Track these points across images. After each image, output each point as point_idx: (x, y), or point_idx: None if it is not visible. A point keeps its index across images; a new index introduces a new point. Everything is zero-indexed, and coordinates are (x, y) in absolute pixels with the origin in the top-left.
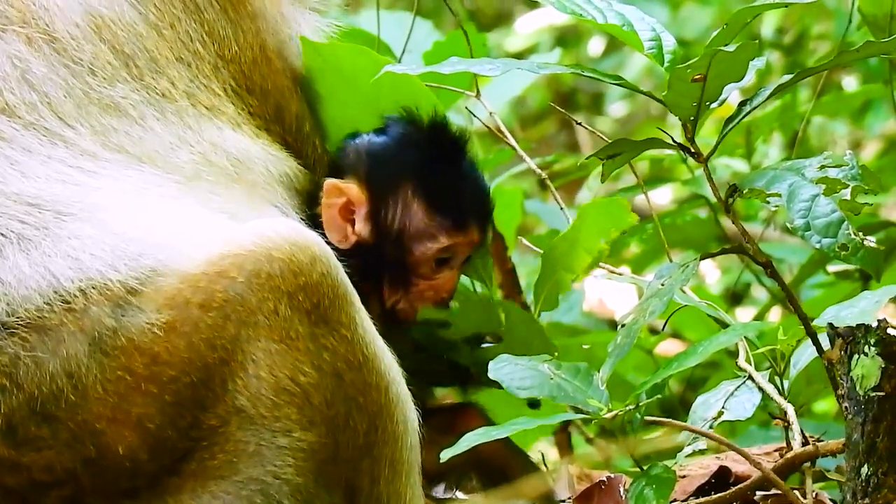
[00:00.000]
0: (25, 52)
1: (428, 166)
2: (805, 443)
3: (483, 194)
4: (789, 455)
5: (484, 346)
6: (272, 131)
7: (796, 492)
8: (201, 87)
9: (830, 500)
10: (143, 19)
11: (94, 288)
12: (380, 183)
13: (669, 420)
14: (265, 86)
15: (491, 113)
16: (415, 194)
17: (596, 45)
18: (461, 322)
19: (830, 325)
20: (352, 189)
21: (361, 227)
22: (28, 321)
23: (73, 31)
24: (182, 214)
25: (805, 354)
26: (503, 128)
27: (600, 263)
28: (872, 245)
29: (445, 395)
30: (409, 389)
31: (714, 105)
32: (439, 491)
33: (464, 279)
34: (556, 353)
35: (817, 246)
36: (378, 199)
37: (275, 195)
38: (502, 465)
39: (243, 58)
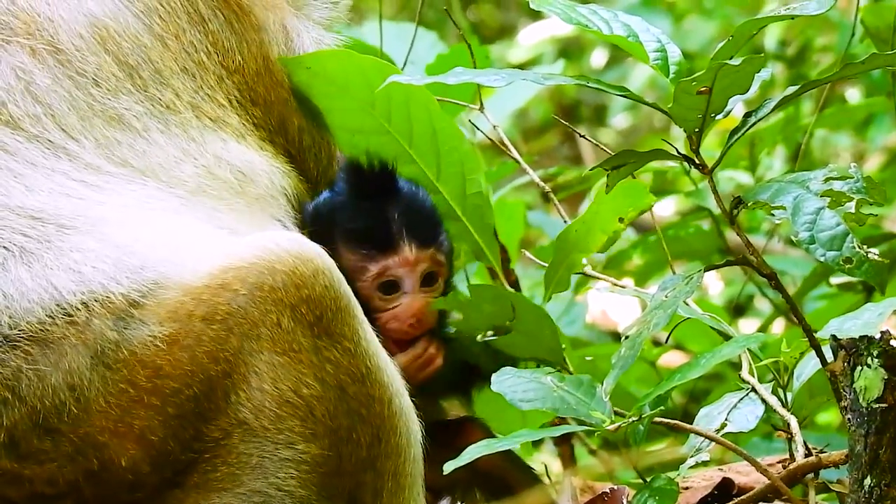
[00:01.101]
0: (30, 63)
1: (344, 208)
2: (808, 454)
3: (415, 213)
4: (792, 466)
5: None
6: (276, 143)
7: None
8: (206, 98)
9: None
10: (147, 30)
11: (96, 301)
12: (318, 237)
13: (678, 422)
14: (269, 97)
15: (494, 126)
16: (339, 238)
17: (598, 57)
18: (473, 314)
19: (833, 336)
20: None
21: None
22: (30, 334)
23: (78, 42)
24: (184, 228)
25: (808, 366)
26: (506, 140)
27: (603, 276)
28: (876, 258)
29: (448, 410)
30: (413, 402)
31: (719, 117)
32: None
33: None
34: (564, 347)
35: (822, 259)
36: None
37: (278, 208)
38: (504, 478)
39: (247, 69)
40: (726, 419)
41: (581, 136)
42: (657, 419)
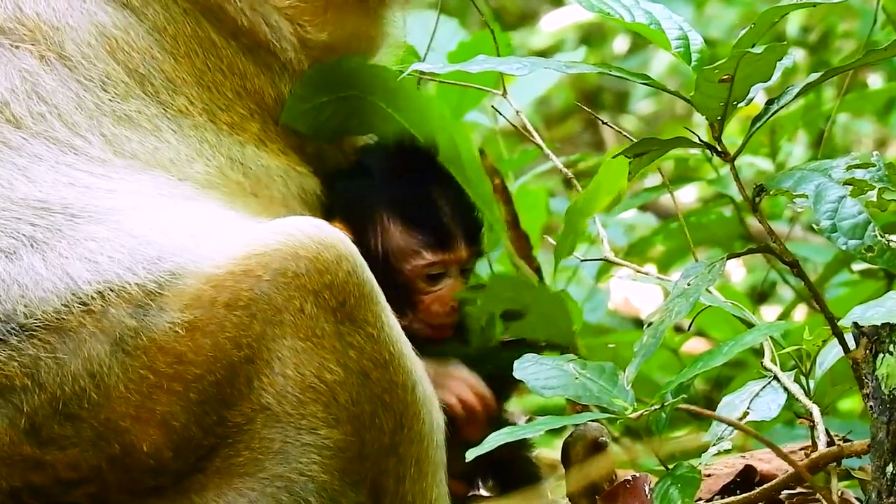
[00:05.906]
0: (36, 66)
1: (396, 191)
2: (830, 442)
3: (465, 211)
4: (815, 455)
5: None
6: (297, 153)
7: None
8: (222, 108)
9: (856, 499)
10: (158, 45)
11: (112, 290)
12: (356, 217)
13: (701, 409)
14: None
15: (517, 112)
16: (390, 219)
17: (620, 44)
18: (489, 301)
19: (855, 324)
20: (336, 229)
21: None
22: (47, 323)
23: (86, 50)
24: (201, 215)
25: (830, 354)
26: (529, 126)
27: (625, 262)
28: None
29: None
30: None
31: (741, 105)
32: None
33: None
34: (576, 328)
35: (843, 248)
36: (359, 232)
37: (293, 211)
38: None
39: (266, 95)
40: (748, 407)
41: (603, 122)
42: (680, 406)
